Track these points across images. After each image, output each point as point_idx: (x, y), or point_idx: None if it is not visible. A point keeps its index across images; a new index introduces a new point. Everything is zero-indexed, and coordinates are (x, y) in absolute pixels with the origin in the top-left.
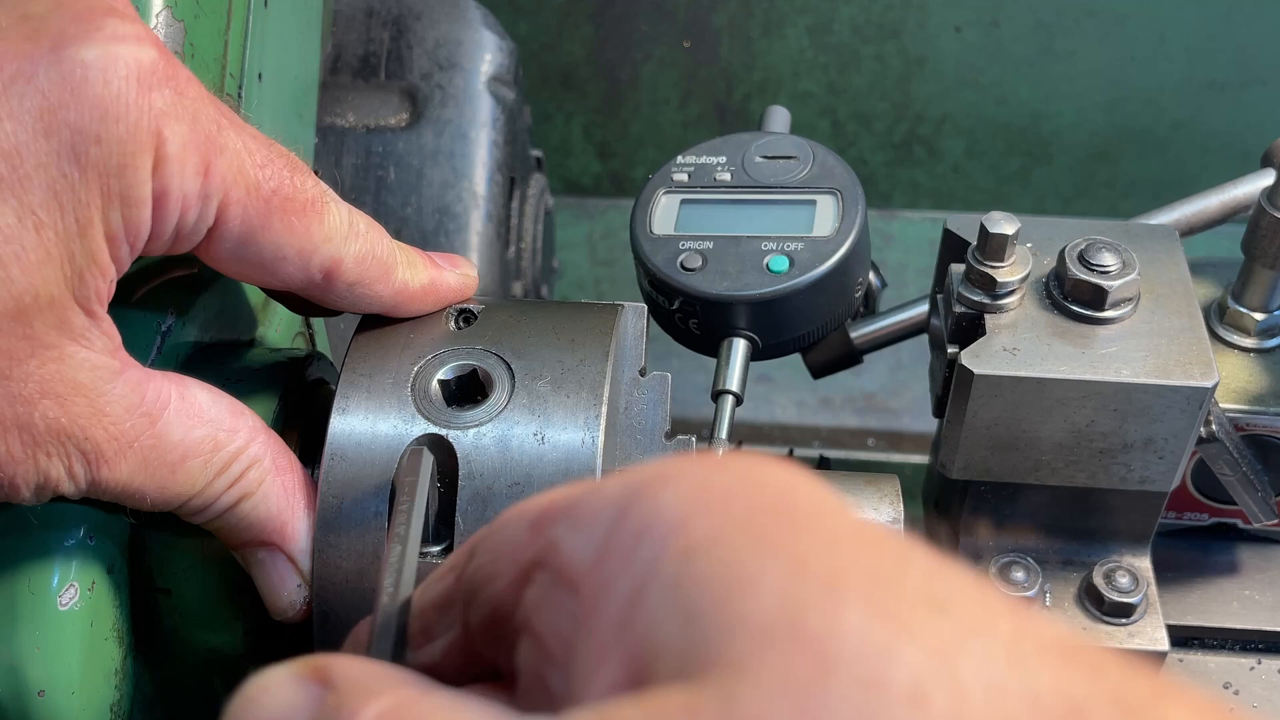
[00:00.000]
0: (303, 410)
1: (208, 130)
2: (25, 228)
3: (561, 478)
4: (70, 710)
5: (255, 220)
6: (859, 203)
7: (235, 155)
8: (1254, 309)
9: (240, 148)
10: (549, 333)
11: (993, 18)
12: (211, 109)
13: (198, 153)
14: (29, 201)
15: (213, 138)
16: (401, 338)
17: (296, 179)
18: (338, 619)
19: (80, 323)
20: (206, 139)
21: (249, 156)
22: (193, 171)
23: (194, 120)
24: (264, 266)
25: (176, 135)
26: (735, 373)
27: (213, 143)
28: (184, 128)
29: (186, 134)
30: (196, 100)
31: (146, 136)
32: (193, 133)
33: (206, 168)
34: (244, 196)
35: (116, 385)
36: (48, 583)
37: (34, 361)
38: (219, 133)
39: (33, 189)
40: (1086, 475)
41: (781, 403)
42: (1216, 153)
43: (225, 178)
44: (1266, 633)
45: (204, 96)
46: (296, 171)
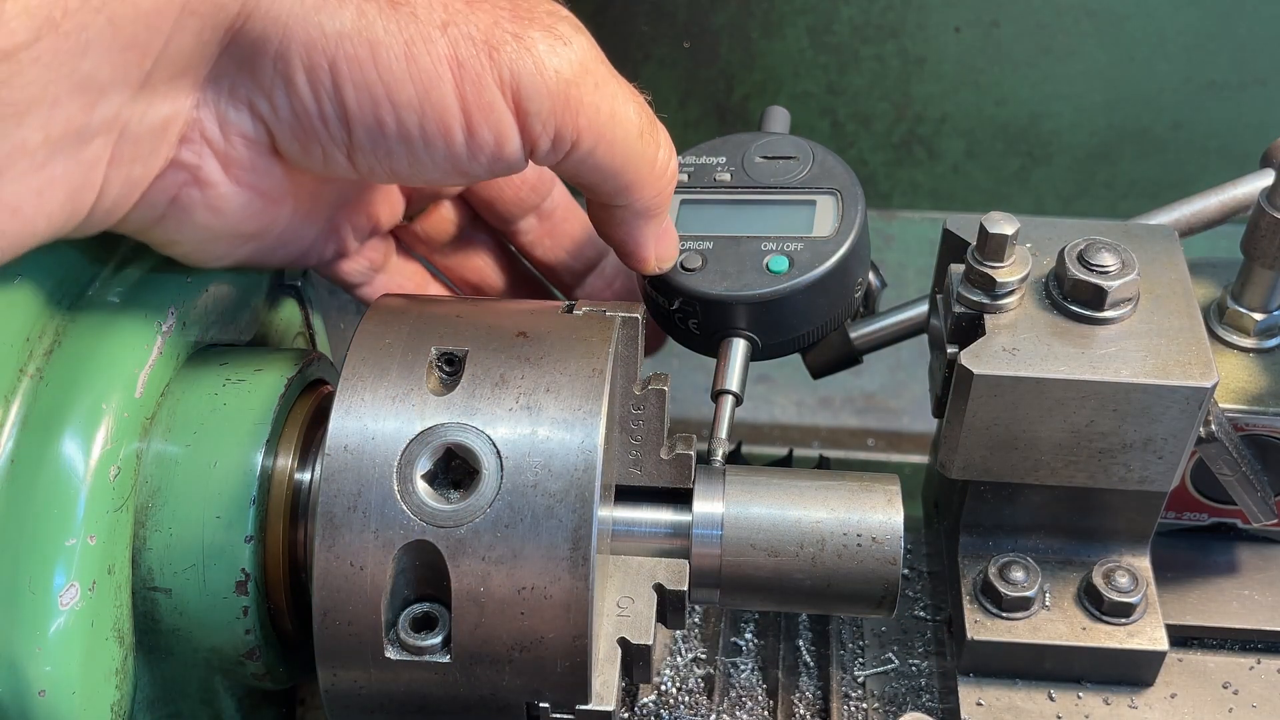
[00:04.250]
0: (303, 410)
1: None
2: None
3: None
4: (70, 710)
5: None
6: (859, 203)
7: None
8: (1253, 309)
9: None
10: (533, 375)
11: (992, 18)
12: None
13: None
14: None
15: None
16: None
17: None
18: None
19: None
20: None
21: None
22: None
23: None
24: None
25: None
26: (735, 373)
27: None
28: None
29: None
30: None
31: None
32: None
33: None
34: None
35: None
36: (48, 583)
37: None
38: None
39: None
40: (1086, 475)
41: (781, 403)
42: (1216, 153)
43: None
44: (1266, 632)
45: None
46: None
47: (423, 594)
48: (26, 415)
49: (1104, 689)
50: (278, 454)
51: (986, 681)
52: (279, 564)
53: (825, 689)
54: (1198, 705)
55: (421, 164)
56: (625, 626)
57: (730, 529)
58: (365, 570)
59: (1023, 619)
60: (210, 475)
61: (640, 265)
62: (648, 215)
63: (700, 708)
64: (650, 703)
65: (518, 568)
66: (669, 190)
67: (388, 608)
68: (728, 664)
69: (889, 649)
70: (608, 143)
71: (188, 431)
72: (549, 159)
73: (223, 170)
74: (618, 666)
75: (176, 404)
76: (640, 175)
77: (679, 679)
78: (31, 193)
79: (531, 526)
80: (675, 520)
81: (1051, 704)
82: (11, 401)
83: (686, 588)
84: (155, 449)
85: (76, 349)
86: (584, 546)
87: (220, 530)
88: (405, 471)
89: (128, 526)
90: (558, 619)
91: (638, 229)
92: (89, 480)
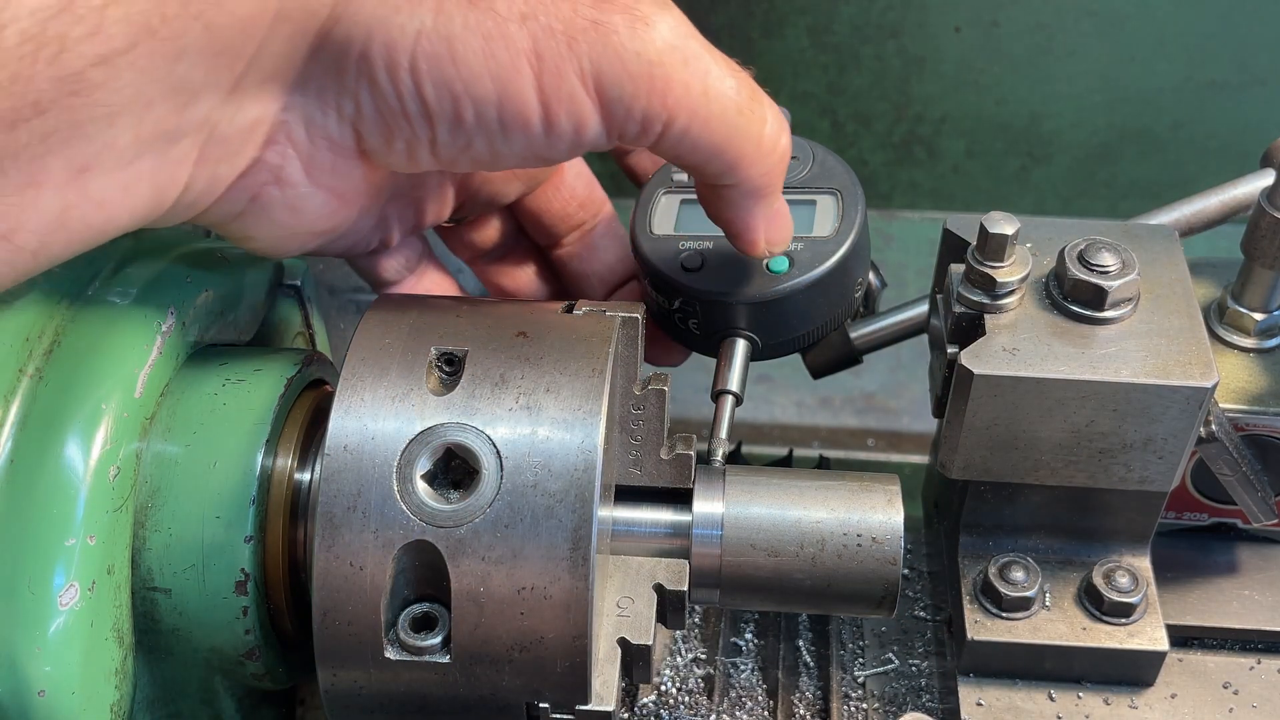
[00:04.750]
0: (303, 410)
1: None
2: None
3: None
4: (70, 710)
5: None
6: (859, 203)
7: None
8: (1253, 309)
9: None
10: (535, 374)
11: (992, 18)
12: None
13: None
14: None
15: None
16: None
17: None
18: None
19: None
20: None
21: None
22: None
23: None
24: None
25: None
26: (735, 373)
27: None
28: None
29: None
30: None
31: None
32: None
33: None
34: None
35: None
36: (47, 583)
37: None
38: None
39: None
40: (1086, 475)
41: (781, 403)
42: (1216, 153)
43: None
44: (1266, 633)
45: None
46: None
47: (422, 594)
48: (26, 415)
49: (1104, 689)
50: (277, 454)
51: (986, 682)
52: (279, 564)
53: (825, 689)
54: (1198, 705)
55: (501, 152)
56: (625, 626)
57: (730, 529)
58: (365, 570)
59: (1023, 619)
60: (210, 475)
61: (750, 248)
62: (757, 195)
63: (700, 708)
64: (650, 703)
65: (517, 568)
66: (779, 168)
67: (387, 608)
68: (728, 664)
69: (889, 649)
70: (703, 120)
71: (187, 431)
72: (641, 140)
73: (304, 171)
74: (618, 666)
75: (176, 404)
76: (744, 152)
77: (679, 679)
78: (118, 187)
79: (531, 526)
80: (675, 520)
81: (1051, 704)
82: (11, 401)
83: (686, 588)
84: (155, 449)
85: (76, 349)
86: (584, 546)
87: (220, 530)
88: (405, 471)
89: (127, 526)
90: (558, 619)
91: (746, 210)
92: (89, 480)
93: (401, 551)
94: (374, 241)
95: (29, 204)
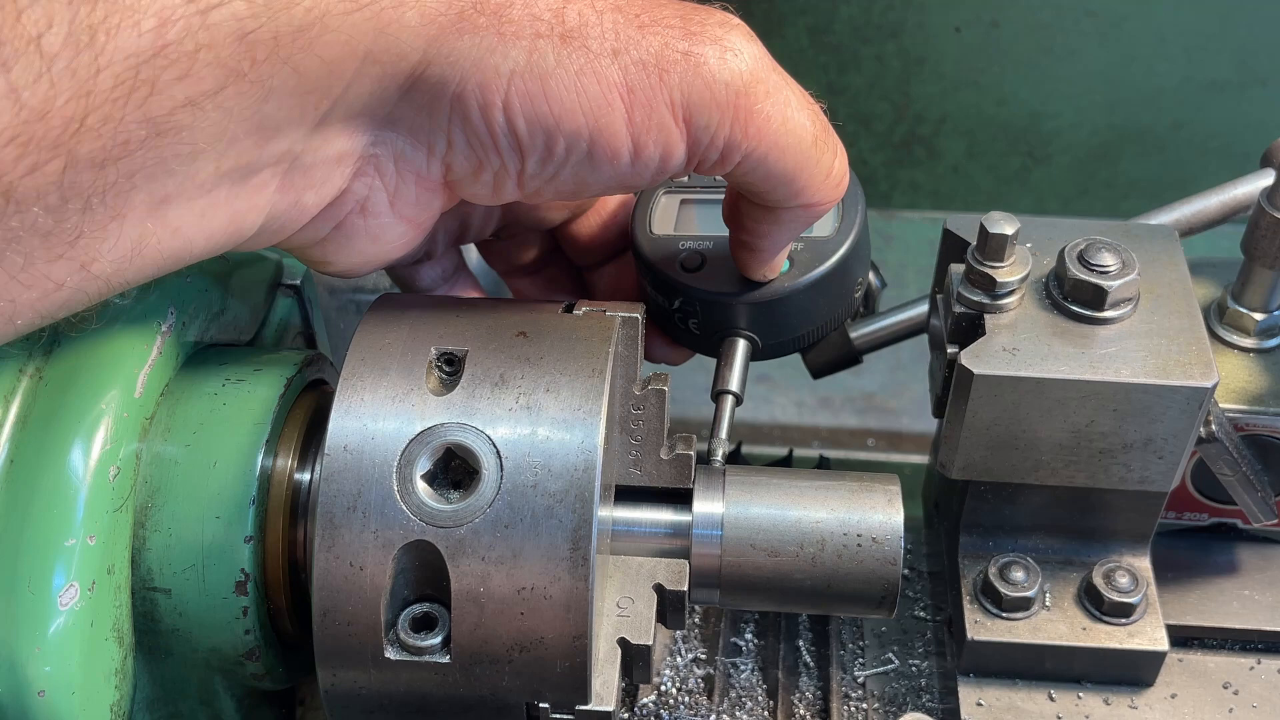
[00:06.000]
0: (302, 410)
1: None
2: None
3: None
4: (70, 710)
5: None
6: (859, 203)
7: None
8: (1254, 309)
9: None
10: (535, 374)
11: (992, 18)
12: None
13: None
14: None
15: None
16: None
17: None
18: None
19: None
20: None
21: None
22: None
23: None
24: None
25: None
26: (735, 373)
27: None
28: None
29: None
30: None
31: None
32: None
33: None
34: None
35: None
36: (48, 583)
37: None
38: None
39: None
40: (1086, 475)
41: (781, 403)
42: (1216, 153)
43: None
44: (1266, 633)
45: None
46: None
47: (422, 594)
48: (26, 415)
49: (1104, 689)
50: (277, 454)
51: (987, 682)
52: (279, 564)
53: (825, 689)
54: (1198, 705)
55: (587, 182)
56: (625, 626)
57: (730, 529)
58: (365, 570)
59: (1023, 619)
60: (210, 475)
61: (757, 269)
62: (805, 223)
63: (700, 708)
64: (650, 703)
65: (517, 568)
66: (836, 200)
67: (387, 608)
68: (728, 664)
69: (889, 649)
70: (779, 150)
71: (187, 432)
72: (717, 168)
73: (389, 203)
74: (618, 667)
75: (176, 404)
76: (812, 181)
77: (679, 679)
78: (194, 215)
79: (531, 527)
80: (675, 520)
81: (1052, 704)
82: (11, 401)
83: (686, 588)
84: (155, 449)
85: (76, 349)
86: (584, 546)
87: (220, 530)
88: (405, 471)
89: (127, 527)
90: (558, 619)
91: (785, 233)
92: (88, 480)
93: (401, 551)
94: (420, 254)
95: (110, 236)
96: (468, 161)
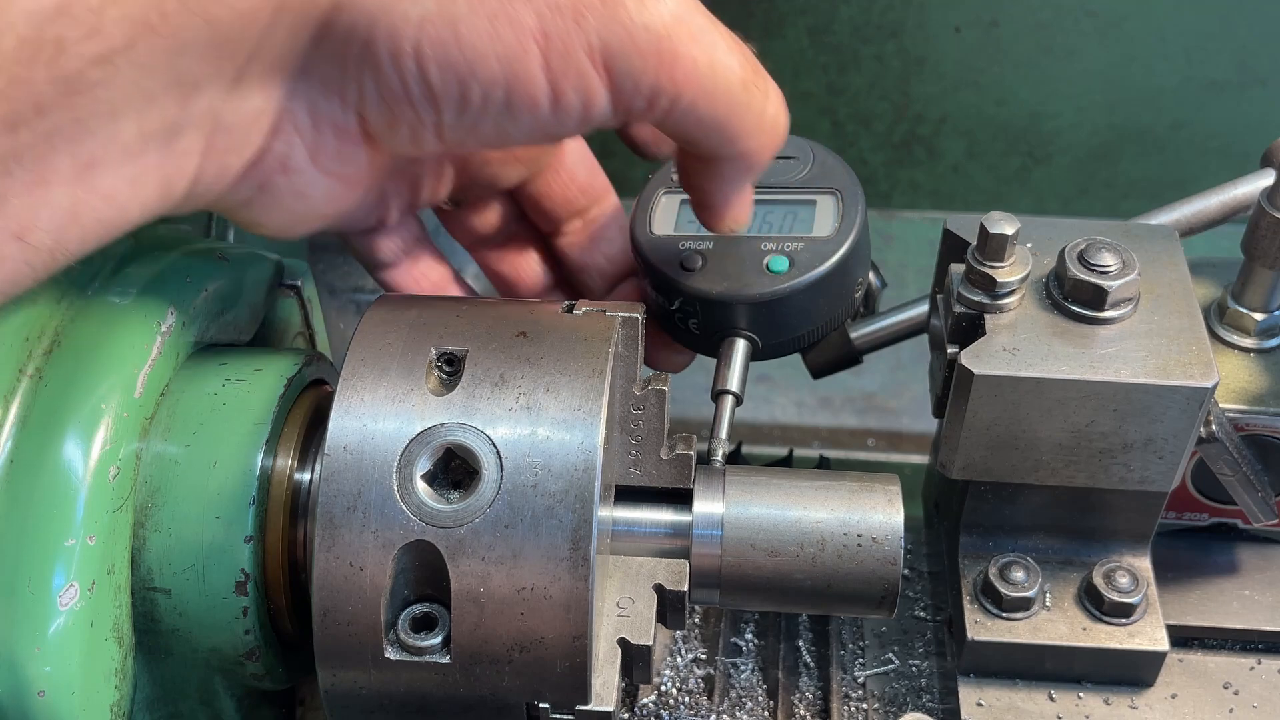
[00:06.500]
0: (302, 410)
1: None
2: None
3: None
4: (70, 710)
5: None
6: (859, 203)
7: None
8: (1254, 309)
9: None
10: (535, 374)
11: (992, 18)
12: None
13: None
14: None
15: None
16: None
17: None
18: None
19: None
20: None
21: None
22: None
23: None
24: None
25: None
26: (735, 373)
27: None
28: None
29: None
30: None
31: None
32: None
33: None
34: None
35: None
36: (47, 583)
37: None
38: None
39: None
40: (1086, 475)
41: (781, 403)
42: (1216, 153)
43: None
44: (1266, 633)
45: None
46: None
47: (422, 594)
48: (26, 415)
49: (1104, 689)
50: (277, 454)
51: (987, 682)
52: (279, 564)
53: (825, 689)
54: (1198, 706)
55: (508, 132)
56: (625, 627)
57: (730, 529)
58: (365, 570)
59: (1023, 619)
60: (210, 475)
61: (716, 223)
62: (748, 170)
63: (700, 708)
64: (650, 703)
65: (517, 568)
66: (775, 146)
67: (387, 608)
68: (728, 664)
69: (889, 649)
70: (709, 96)
71: (187, 431)
72: (647, 115)
73: (310, 158)
74: (618, 667)
75: (176, 404)
76: (745, 126)
77: (679, 679)
78: (125, 181)
79: (531, 527)
80: (675, 520)
81: (1052, 704)
82: (11, 401)
83: (686, 588)
84: (155, 449)
85: (76, 349)
86: (584, 547)
87: (220, 530)
88: (405, 471)
89: (127, 527)
90: (558, 619)
91: (730, 182)
92: (88, 480)
93: (401, 551)
94: (371, 219)
95: (39, 202)
96: (382, 112)
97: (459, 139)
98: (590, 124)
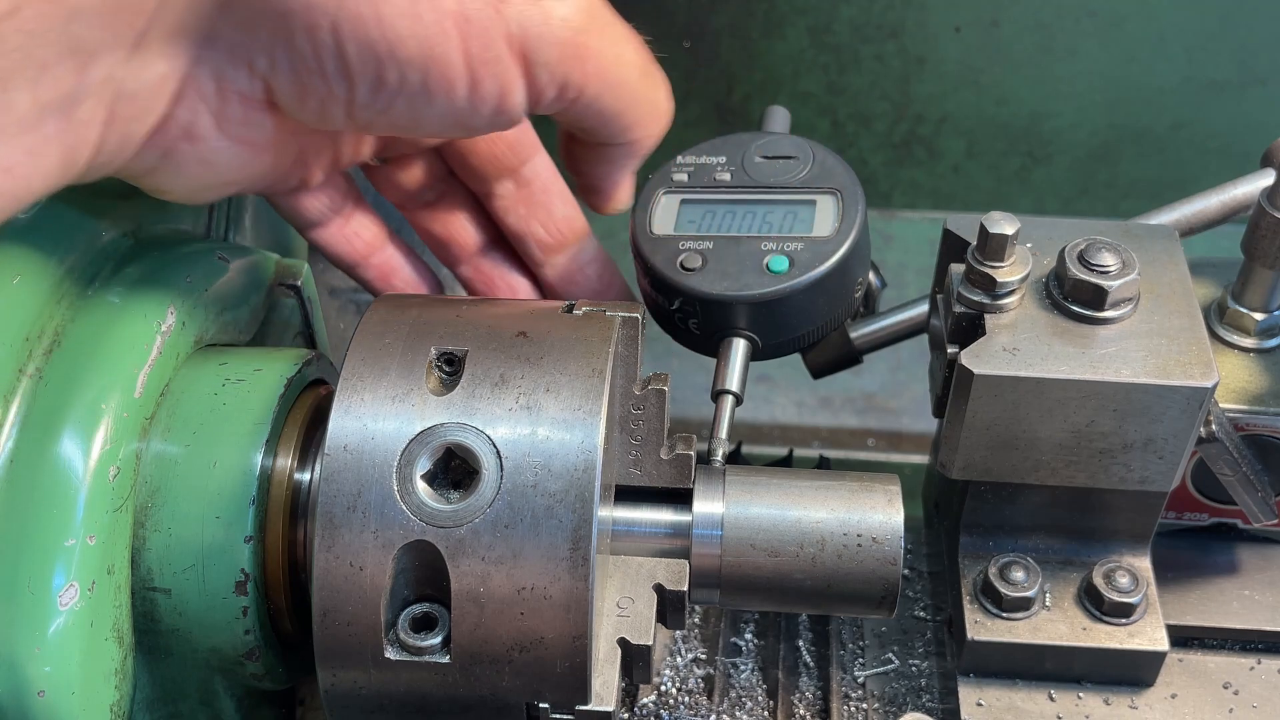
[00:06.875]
0: (302, 410)
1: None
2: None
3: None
4: (70, 710)
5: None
6: (859, 203)
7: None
8: (1254, 309)
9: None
10: (535, 374)
11: (993, 18)
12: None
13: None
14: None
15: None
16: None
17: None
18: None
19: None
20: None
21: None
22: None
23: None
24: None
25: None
26: (735, 373)
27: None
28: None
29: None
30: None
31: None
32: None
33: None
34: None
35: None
36: (47, 583)
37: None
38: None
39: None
40: (1086, 475)
41: (781, 403)
42: (1216, 153)
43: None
44: (1266, 633)
45: None
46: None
47: (422, 594)
48: (26, 415)
49: (1104, 689)
50: (277, 454)
51: (987, 682)
52: (279, 564)
53: (825, 689)
54: (1198, 706)
55: (421, 118)
56: (625, 627)
57: (730, 529)
58: (365, 570)
59: (1023, 619)
60: (210, 475)
61: (605, 206)
62: (636, 157)
63: (700, 708)
64: (650, 703)
65: (517, 568)
66: (664, 132)
67: (387, 608)
68: (728, 664)
69: (889, 649)
70: (613, 88)
71: (187, 431)
72: (552, 107)
73: (216, 126)
74: (618, 667)
75: (176, 404)
76: (641, 115)
77: (679, 679)
78: (24, 152)
79: (531, 527)
80: (675, 520)
81: (1052, 704)
82: (11, 401)
83: (686, 588)
84: (155, 449)
85: (76, 349)
86: (584, 547)
87: (220, 530)
88: (405, 471)
89: (127, 526)
90: (558, 619)
91: (620, 168)
92: (88, 480)
93: (401, 551)
94: (293, 180)
95: None
96: (292, 84)
97: (369, 119)
98: (503, 115)
